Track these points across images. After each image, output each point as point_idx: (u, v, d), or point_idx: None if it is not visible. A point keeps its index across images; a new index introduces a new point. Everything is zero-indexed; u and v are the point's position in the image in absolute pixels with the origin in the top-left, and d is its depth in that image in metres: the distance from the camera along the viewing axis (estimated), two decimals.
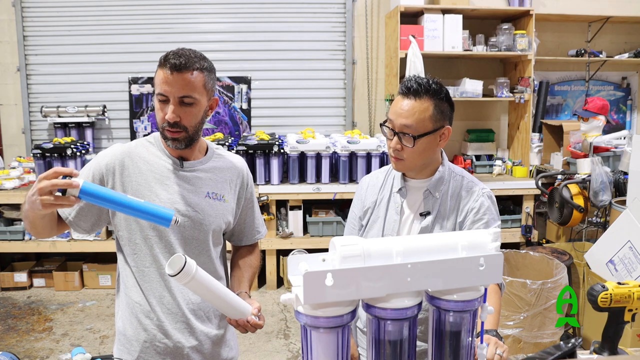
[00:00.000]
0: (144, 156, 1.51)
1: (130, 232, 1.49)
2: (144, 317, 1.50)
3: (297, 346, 3.39)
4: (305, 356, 1.05)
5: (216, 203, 1.54)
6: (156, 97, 1.43)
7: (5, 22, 4.78)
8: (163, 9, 4.85)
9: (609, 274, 2.91)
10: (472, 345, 1.12)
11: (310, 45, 4.99)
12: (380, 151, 4.29)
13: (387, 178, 1.68)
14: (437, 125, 1.51)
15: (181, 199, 1.49)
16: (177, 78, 1.38)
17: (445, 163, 1.62)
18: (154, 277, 1.49)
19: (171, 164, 1.51)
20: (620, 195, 3.63)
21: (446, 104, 1.52)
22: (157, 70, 1.42)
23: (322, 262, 1.04)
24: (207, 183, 1.54)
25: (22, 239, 4.22)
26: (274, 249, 4.33)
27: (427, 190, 1.58)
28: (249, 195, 1.66)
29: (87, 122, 4.72)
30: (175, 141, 1.44)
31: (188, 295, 1.51)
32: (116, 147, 1.53)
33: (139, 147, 1.53)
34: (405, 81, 1.52)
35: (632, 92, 5.37)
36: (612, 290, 1.30)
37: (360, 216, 1.69)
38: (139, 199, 1.26)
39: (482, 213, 1.54)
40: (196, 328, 1.52)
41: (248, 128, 5.01)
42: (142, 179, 1.48)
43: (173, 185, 1.49)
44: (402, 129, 1.49)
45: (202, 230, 1.51)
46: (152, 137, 1.57)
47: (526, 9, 4.63)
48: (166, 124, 1.42)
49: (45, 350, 3.29)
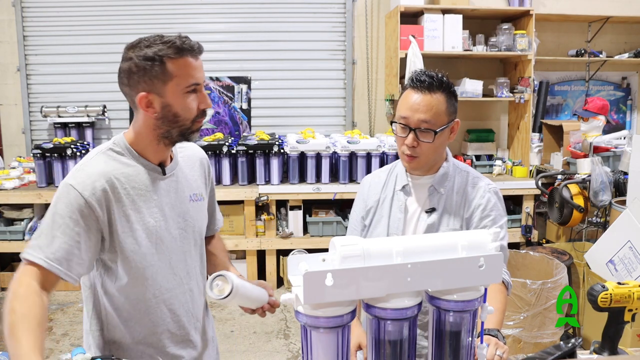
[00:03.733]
0: (123, 171, 1.30)
1: (128, 262, 1.30)
2: (145, 347, 1.37)
3: (297, 346, 3.39)
4: (305, 356, 1.05)
5: (198, 204, 1.45)
6: (185, 91, 1.26)
7: (5, 22, 4.78)
8: (163, 9, 4.85)
9: (609, 274, 2.91)
10: (472, 345, 1.12)
11: (310, 45, 4.99)
12: (380, 151, 4.29)
13: (390, 176, 1.66)
14: (450, 118, 1.50)
15: (171, 210, 1.36)
16: (200, 62, 1.28)
17: (449, 159, 1.60)
18: (160, 306, 1.37)
19: (151, 173, 1.34)
20: (620, 195, 3.63)
21: (454, 97, 1.52)
22: (173, 61, 1.24)
23: (322, 262, 1.04)
24: (186, 186, 1.42)
25: (22, 239, 4.22)
26: (274, 249, 4.33)
27: (432, 187, 1.56)
28: (212, 185, 1.57)
29: (87, 122, 4.72)
30: (200, 130, 1.34)
31: (191, 311, 1.44)
32: (87, 170, 1.27)
33: (111, 162, 1.30)
34: (415, 75, 1.49)
35: (632, 92, 5.37)
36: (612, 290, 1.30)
37: (363, 216, 1.67)
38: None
39: (490, 209, 1.53)
40: (194, 340, 1.47)
41: (248, 128, 5.01)
42: (129, 201, 1.28)
43: (160, 198, 1.34)
44: (420, 124, 1.46)
45: (196, 238, 1.45)
46: (116, 147, 1.33)
47: (526, 9, 4.62)
48: (201, 114, 1.30)
49: (45, 350, 3.28)
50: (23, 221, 4.26)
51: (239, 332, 3.63)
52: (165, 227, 1.34)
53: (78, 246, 1.21)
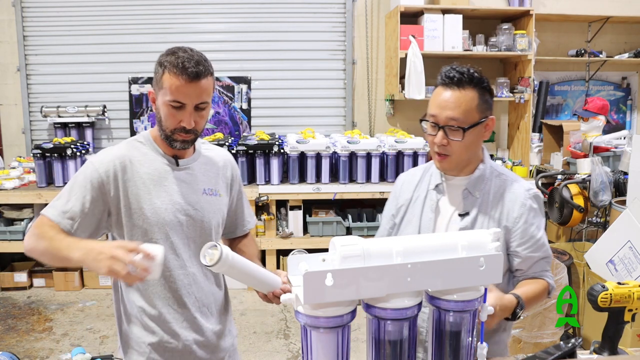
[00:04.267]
0: (139, 158, 1.48)
1: (133, 238, 1.45)
2: (149, 320, 1.50)
3: (297, 346, 3.39)
4: (305, 356, 1.05)
5: (212, 199, 1.55)
6: (168, 104, 1.40)
7: (5, 22, 4.78)
8: (163, 9, 4.85)
9: (609, 274, 2.90)
10: (472, 345, 1.12)
11: (310, 45, 4.99)
12: (380, 151, 4.29)
13: (424, 175, 1.59)
14: (483, 115, 1.43)
15: (181, 198, 1.48)
16: (195, 86, 1.38)
17: (486, 160, 1.52)
18: (159, 280, 1.47)
19: (167, 163, 1.50)
20: (620, 195, 3.62)
21: (488, 93, 1.45)
22: (168, 75, 1.38)
23: (322, 262, 1.04)
24: (201, 180, 1.54)
25: (22, 239, 4.20)
26: (274, 249, 4.33)
27: (466, 190, 1.48)
28: (238, 187, 1.68)
29: (87, 122, 4.72)
30: (184, 143, 1.45)
31: (194, 293, 1.52)
32: (110, 152, 1.49)
33: (131, 150, 1.49)
34: (445, 71, 1.43)
35: (632, 92, 5.37)
36: (612, 290, 1.30)
37: (394, 214, 1.61)
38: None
39: (533, 217, 1.46)
40: (202, 325, 1.54)
41: (248, 128, 5.01)
42: (141, 183, 1.45)
43: (171, 185, 1.48)
44: (449, 122, 1.40)
45: (203, 228, 1.52)
46: (141, 137, 1.53)
47: (526, 9, 4.63)
48: (181, 129, 1.42)
49: (45, 350, 3.29)
50: (23, 221, 4.26)
51: (239, 332, 3.61)
52: (171, 210, 1.46)
53: (85, 211, 1.41)
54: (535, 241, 1.46)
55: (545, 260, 1.50)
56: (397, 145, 4.29)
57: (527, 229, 1.45)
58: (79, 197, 1.40)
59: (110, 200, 1.44)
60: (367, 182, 4.31)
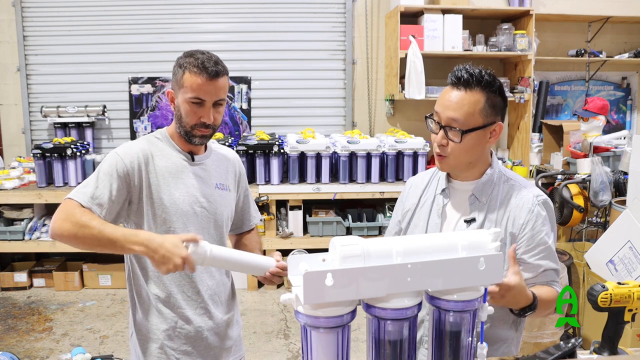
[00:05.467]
0: (158, 153, 1.58)
1: (152, 227, 1.54)
2: (164, 306, 1.58)
3: (297, 346, 3.39)
4: (305, 356, 1.05)
5: (224, 193, 1.67)
6: (189, 101, 1.50)
7: (5, 22, 4.78)
8: (163, 9, 4.84)
9: (609, 274, 2.90)
10: (472, 345, 1.12)
11: (310, 45, 4.99)
12: (380, 151, 4.29)
13: (432, 179, 1.56)
14: (488, 120, 1.38)
15: (197, 191, 1.59)
16: (214, 84, 1.50)
17: (494, 165, 1.48)
18: None
19: (183, 159, 1.60)
20: (620, 195, 3.63)
21: (499, 97, 1.39)
22: (189, 74, 1.49)
23: (322, 262, 1.04)
24: (214, 175, 1.65)
25: (22, 239, 4.22)
26: (274, 249, 4.33)
27: (473, 195, 1.45)
28: (244, 184, 1.80)
29: (87, 122, 4.72)
30: (202, 138, 1.57)
31: (206, 281, 1.61)
32: (133, 145, 1.58)
33: (151, 145, 1.59)
34: (455, 70, 1.39)
35: (632, 92, 5.37)
36: (612, 290, 1.30)
37: (400, 220, 1.59)
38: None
39: (541, 224, 1.41)
40: (213, 312, 1.63)
41: (248, 128, 5.01)
42: (160, 175, 1.56)
43: (188, 179, 1.59)
44: (449, 122, 1.37)
45: (216, 220, 1.63)
46: (158, 134, 1.63)
47: (526, 9, 4.63)
48: (201, 125, 1.53)
49: (45, 350, 3.29)
50: (23, 221, 4.27)
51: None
52: (188, 201, 1.57)
53: (112, 199, 1.48)
54: (544, 249, 1.42)
55: (554, 271, 1.46)
56: (397, 145, 4.30)
57: (534, 236, 1.41)
58: (107, 185, 1.48)
59: (133, 190, 1.53)
60: (367, 182, 4.31)
